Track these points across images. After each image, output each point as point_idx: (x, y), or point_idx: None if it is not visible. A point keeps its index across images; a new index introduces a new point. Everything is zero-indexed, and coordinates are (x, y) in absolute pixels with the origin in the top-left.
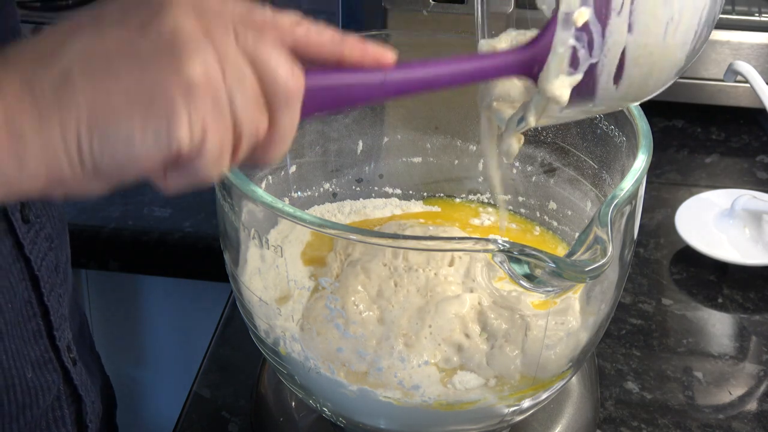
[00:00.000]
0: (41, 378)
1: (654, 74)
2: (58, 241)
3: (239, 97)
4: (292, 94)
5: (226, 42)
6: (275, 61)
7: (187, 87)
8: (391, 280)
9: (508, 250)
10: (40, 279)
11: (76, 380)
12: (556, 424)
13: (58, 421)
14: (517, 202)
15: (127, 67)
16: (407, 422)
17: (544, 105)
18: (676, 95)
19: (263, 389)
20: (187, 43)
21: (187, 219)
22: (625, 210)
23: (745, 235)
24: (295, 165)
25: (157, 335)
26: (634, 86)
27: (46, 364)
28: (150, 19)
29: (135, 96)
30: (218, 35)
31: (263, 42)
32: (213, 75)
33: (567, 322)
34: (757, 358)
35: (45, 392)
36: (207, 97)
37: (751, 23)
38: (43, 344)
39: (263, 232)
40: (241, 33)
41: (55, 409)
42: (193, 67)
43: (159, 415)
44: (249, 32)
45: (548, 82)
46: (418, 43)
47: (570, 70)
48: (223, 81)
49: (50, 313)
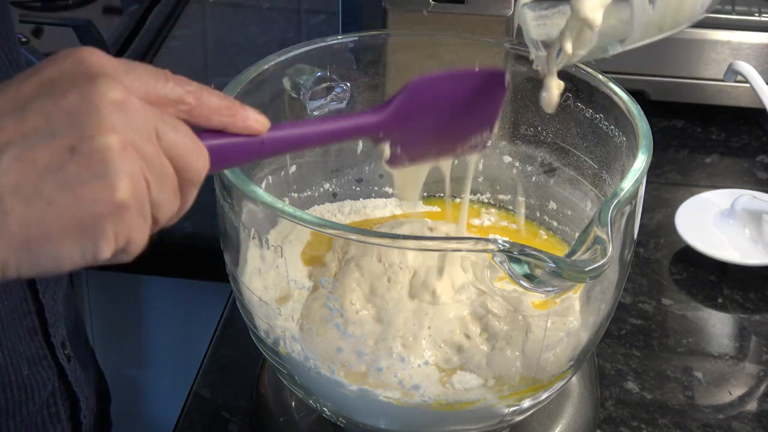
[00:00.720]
0: (36, 375)
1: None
2: None
3: (162, 195)
4: (202, 174)
5: (150, 150)
6: (189, 150)
7: (116, 209)
8: (384, 276)
9: (508, 250)
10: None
11: (71, 377)
12: (556, 424)
13: (53, 418)
14: (517, 202)
15: (59, 193)
16: (407, 422)
17: (579, 28)
18: (676, 95)
19: (263, 389)
20: (115, 164)
21: (187, 219)
22: (625, 210)
23: (745, 235)
24: (295, 165)
25: (157, 335)
26: (671, 7)
27: (41, 361)
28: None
29: (66, 222)
30: (142, 144)
31: (178, 133)
32: (139, 190)
33: (567, 322)
34: (757, 358)
35: (40, 389)
36: (134, 211)
37: (751, 23)
38: (38, 341)
39: (263, 232)
40: (160, 130)
41: (50, 405)
42: (122, 190)
43: (159, 415)
44: (167, 128)
45: (580, 3)
46: (418, 43)
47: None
48: (149, 190)
49: (45, 310)
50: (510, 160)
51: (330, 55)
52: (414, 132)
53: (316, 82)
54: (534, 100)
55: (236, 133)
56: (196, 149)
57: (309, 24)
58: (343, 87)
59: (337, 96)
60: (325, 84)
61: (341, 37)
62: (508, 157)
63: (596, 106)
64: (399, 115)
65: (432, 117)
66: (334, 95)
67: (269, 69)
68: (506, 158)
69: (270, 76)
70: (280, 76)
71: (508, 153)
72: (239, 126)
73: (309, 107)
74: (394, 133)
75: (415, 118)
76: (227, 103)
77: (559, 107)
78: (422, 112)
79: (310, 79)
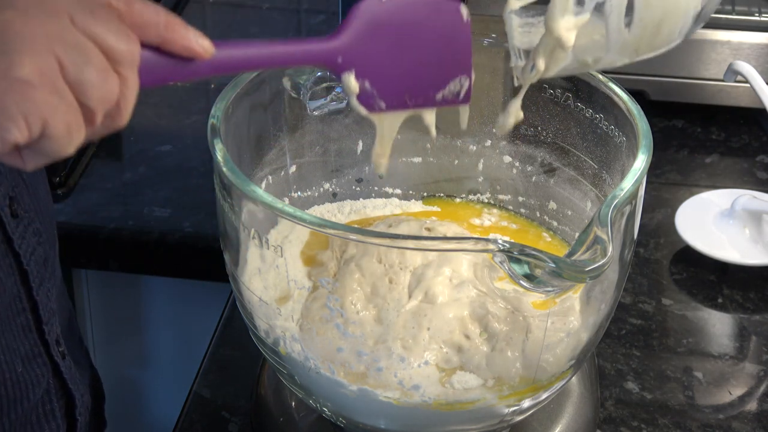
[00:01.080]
0: (31, 372)
1: (668, 18)
2: (46, 236)
3: (85, 75)
4: (131, 56)
5: (61, 28)
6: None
7: (18, 85)
8: (386, 277)
9: (508, 250)
10: (29, 273)
11: (66, 374)
12: (556, 424)
13: (48, 415)
14: (517, 202)
15: None
16: (407, 422)
17: (552, 47)
18: (676, 95)
19: (263, 389)
20: (15, 43)
21: (187, 219)
22: (625, 210)
23: (745, 235)
24: (295, 165)
25: (157, 335)
26: (648, 31)
27: (35, 358)
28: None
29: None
30: (52, 25)
31: (96, 18)
32: (47, 67)
33: (567, 322)
34: (757, 358)
35: (35, 386)
36: (43, 89)
37: (751, 23)
38: (32, 338)
39: (263, 232)
40: (77, 16)
41: (45, 403)
42: (22, 66)
43: (159, 415)
44: (82, 12)
45: (553, 21)
46: None
47: (576, 9)
48: (62, 69)
49: (39, 307)
50: (510, 160)
51: None
52: (378, 63)
53: (316, 82)
54: (534, 100)
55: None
56: (119, 30)
57: (309, 24)
58: None
59: (337, 96)
60: (325, 84)
61: None
62: (508, 157)
63: (596, 106)
64: (356, 40)
65: (396, 48)
66: (334, 95)
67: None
68: (506, 158)
69: (270, 76)
70: (280, 76)
71: (508, 153)
72: (178, 45)
73: (309, 107)
74: (355, 60)
75: (376, 46)
76: (166, 19)
77: (559, 107)
78: (383, 40)
79: (310, 79)
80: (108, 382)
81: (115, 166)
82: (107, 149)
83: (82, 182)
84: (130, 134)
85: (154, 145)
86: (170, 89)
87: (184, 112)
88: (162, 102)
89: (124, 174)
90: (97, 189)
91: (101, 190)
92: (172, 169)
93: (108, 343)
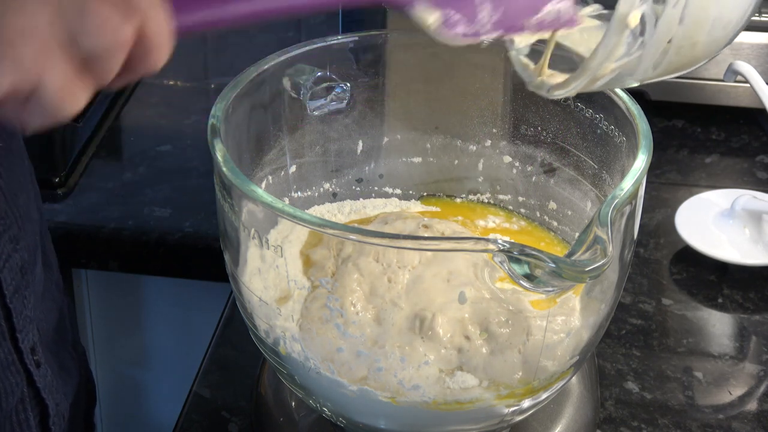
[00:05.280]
0: (5, 380)
1: (691, 61)
2: (25, 242)
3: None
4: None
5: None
6: None
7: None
8: (384, 276)
9: (508, 250)
10: (2, 281)
11: (39, 383)
12: (556, 424)
13: (23, 424)
14: (517, 202)
15: None
16: (407, 422)
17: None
18: (676, 95)
19: (263, 389)
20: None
21: (187, 219)
22: (625, 210)
23: (745, 235)
24: (295, 165)
25: (157, 335)
26: (671, 69)
27: (9, 367)
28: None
29: None
30: None
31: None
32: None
33: (567, 322)
34: (757, 358)
35: (8, 395)
36: (34, 40)
37: (751, 23)
38: (6, 346)
39: (263, 232)
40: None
41: (19, 411)
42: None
43: (159, 415)
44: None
45: (595, 62)
46: (418, 43)
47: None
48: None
49: (13, 315)
50: (510, 160)
51: (330, 55)
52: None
53: (316, 82)
54: (534, 100)
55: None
56: None
57: (309, 24)
58: (343, 87)
59: (337, 96)
60: (325, 84)
61: (341, 37)
62: (508, 157)
63: (596, 106)
64: None
65: None
66: (334, 95)
67: (269, 69)
68: (506, 158)
69: (270, 76)
70: (280, 76)
71: (508, 153)
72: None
73: (309, 107)
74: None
75: None
76: None
77: (559, 107)
78: None
79: (310, 79)
80: (108, 382)
81: (115, 166)
82: (107, 149)
83: (82, 182)
84: (130, 134)
85: (154, 145)
86: (170, 89)
87: (184, 112)
88: (162, 102)
89: (124, 174)
90: (97, 189)
91: (101, 190)
92: (172, 169)
93: (108, 343)
